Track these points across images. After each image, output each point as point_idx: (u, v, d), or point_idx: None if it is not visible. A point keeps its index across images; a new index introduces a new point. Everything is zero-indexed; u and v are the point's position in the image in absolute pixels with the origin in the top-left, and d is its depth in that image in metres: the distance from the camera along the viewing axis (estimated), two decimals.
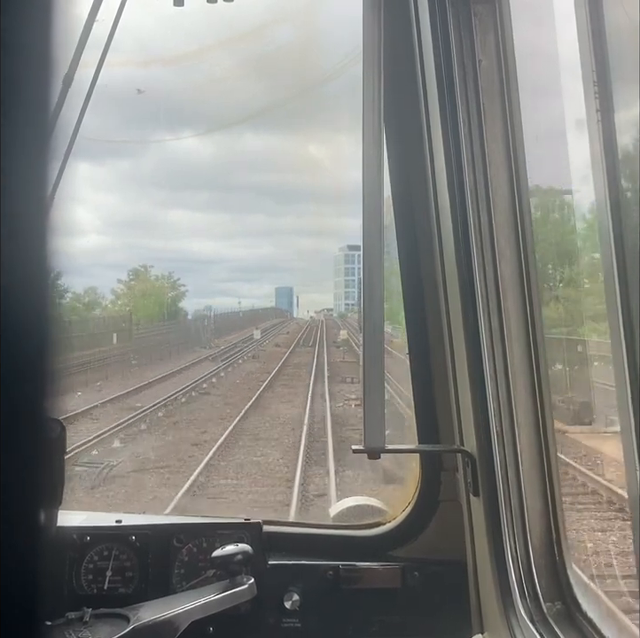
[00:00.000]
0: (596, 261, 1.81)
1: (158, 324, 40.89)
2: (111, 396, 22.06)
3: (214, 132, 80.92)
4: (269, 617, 2.70)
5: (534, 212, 2.17)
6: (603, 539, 8.00)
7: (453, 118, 2.22)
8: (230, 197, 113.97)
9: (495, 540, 2.22)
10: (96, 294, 43.10)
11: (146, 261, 56.59)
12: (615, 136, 1.55)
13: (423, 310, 2.66)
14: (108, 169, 75.44)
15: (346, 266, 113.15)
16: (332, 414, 19.20)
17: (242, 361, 31.84)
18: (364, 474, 13.76)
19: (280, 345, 38.47)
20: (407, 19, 2.45)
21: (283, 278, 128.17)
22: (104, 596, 2.67)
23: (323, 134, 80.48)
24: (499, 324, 2.21)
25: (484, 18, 2.17)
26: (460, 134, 2.21)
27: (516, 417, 2.20)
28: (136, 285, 47.46)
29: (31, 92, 0.61)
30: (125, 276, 47.53)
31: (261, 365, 29.95)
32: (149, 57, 44.56)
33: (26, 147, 0.61)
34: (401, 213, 2.65)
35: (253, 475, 14.73)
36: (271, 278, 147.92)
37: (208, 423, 19.34)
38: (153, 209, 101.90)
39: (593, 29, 1.57)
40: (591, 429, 9.97)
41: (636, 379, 1.54)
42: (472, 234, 2.22)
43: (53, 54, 0.62)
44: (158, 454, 16.37)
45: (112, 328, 33.53)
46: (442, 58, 2.23)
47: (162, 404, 21.16)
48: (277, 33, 31.28)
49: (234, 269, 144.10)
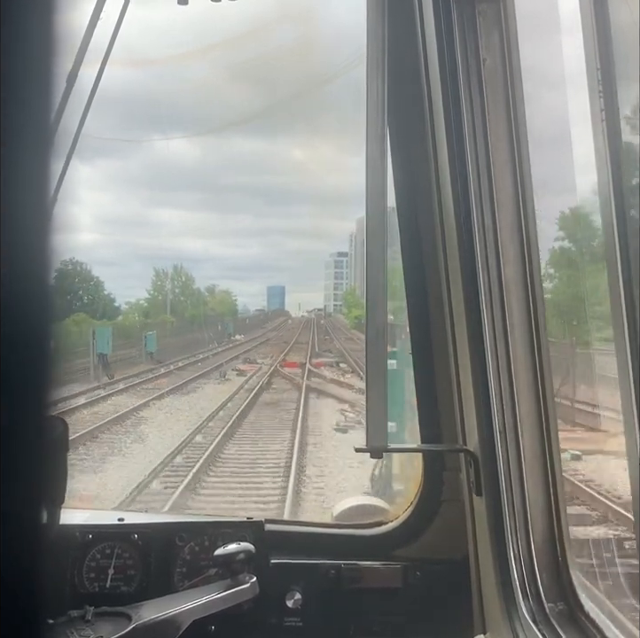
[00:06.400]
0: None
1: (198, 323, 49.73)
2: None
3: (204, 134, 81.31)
4: (271, 616, 2.70)
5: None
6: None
7: (457, 117, 2.22)
8: (220, 197, 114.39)
9: (498, 540, 2.22)
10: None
11: (135, 259, 67.76)
12: (620, 135, 1.55)
13: (426, 309, 2.65)
14: (97, 168, 75.64)
15: (335, 270, 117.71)
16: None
17: (280, 330, 56.82)
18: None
19: (293, 327, 61.13)
20: (411, 19, 2.44)
21: (273, 277, 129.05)
22: (106, 595, 2.67)
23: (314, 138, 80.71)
24: (502, 324, 2.20)
25: (488, 17, 2.17)
26: (464, 132, 2.21)
27: (519, 417, 2.20)
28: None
29: (34, 91, 0.61)
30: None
31: (284, 333, 52.98)
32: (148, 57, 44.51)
33: (28, 146, 0.61)
34: (405, 215, 2.64)
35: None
36: (261, 277, 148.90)
37: (274, 346, 39.96)
38: (142, 208, 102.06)
39: (598, 28, 1.57)
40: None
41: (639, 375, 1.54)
42: (475, 233, 2.21)
43: (56, 53, 0.62)
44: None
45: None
46: (446, 57, 2.23)
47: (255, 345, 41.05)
48: (277, 34, 31.25)
49: (224, 268, 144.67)
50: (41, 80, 0.61)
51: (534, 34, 2.33)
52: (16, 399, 0.60)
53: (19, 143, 0.60)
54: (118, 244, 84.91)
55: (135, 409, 18.46)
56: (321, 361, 30.61)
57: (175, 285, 59.37)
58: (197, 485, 12.10)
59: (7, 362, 0.59)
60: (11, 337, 0.59)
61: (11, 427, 0.59)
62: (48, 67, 0.62)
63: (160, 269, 57.91)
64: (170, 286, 57.94)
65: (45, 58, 0.62)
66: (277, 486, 12.05)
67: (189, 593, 2.56)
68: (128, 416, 17.70)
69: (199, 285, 63.88)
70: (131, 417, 17.66)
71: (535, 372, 2.19)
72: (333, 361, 30.60)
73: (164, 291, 56.73)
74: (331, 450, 14.34)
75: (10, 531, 0.60)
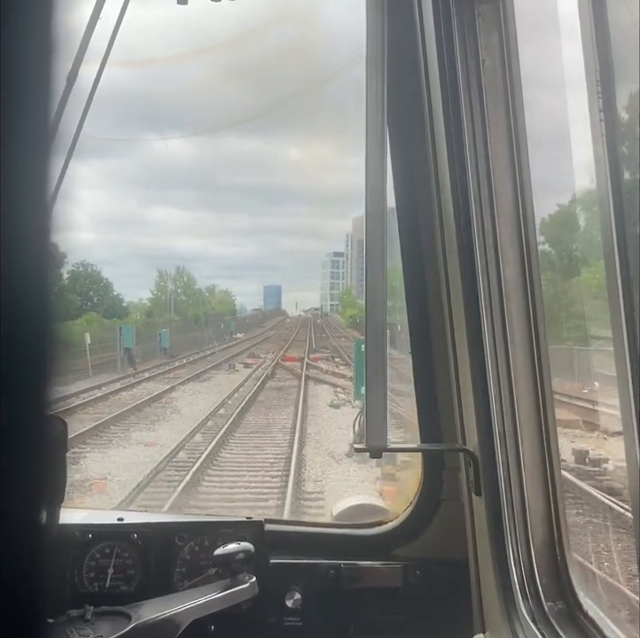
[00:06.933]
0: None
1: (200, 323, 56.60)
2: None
3: (202, 134, 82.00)
4: (271, 615, 2.70)
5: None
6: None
7: (456, 117, 2.22)
8: (217, 196, 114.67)
9: (497, 539, 2.22)
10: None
11: (132, 258, 73.48)
12: (618, 136, 1.55)
13: (425, 308, 2.66)
14: (93, 167, 75.89)
15: (331, 270, 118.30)
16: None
17: (279, 329, 63.58)
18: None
19: (291, 326, 66.63)
20: (410, 19, 2.44)
21: (269, 276, 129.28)
22: (105, 594, 2.67)
23: (313, 138, 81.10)
24: (502, 323, 2.21)
25: (488, 18, 2.17)
26: (463, 133, 2.21)
27: (518, 416, 2.20)
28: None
29: (34, 91, 0.61)
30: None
31: (282, 331, 58.34)
32: (147, 56, 44.58)
33: (28, 146, 0.61)
34: (405, 215, 2.65)
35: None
36: (257, 276, 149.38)
37: (274, 343, 42.97)
38: (139, 207, 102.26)
39: (596, 29, 1.57)
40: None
41: (638, 374, 1.54)
42: (475, 234, 2.21)
43: (56, 53, 0.62)
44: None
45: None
46: (446, 58, 2.23)
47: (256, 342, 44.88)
48: (277, 33, 31.24)
49: (219, 267, 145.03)
50: (40, 80, 0.61)
51: (534, 34, 2.33)
52: (16, 398, 0.60)
53: (19, 142, 0.60)
54: (114, 243, 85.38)
55: (165, 392, 23.12)
56: (318, 355, 33.99)
57: (178, 286, 61.84)
58: (226, 438, 16.50)
59: (6, 362, 0.59)
60: (10, 336, 0.59)
61: (11, 427, 0.60)
62: (47, 67, 0.62)
63: (164, 270, 60.78)
64: (173, 287, 60.59)
65: (45, 58, 0.62)
66: (286, 440, 16.33)
67: (188, 593, 2.56)
68: (161, 396, 22.36)
69: (199, 286, 67.33)
70: (164, 397, 22.34)
71: (534, 372, 2.19)
72: (329, 355, 33.84)
73: (167, 292, 59.19)
74: (326, 419, 18.62)
75: (9, 530, 0.60)
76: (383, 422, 2.34)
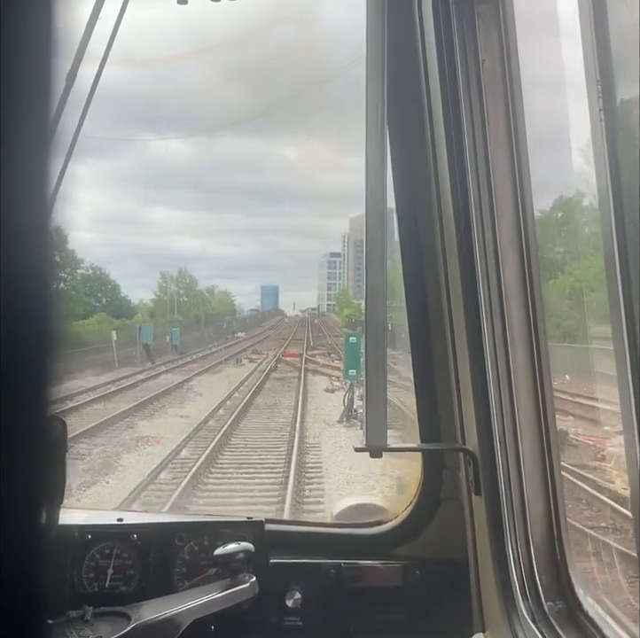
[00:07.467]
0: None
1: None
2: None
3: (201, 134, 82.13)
4: (271, 615, 2.70)
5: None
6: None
7: (456, 118, 2.22)
8: (216, 197, 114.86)
9: (497, 538, 2.22)
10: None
11: (130, 258, 75.75)
12: (619, 135, 1.55)
13: (425, 309, 2.66)
14: (91, 167, 75.96)
15: (328, 270, 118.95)
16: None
17: (277, 328, 66.04)
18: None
19: (289, 326, 68.90)
20: (410, 20, 2.44)
21: (267, 276, 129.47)
22: (105, 595, 2.67)
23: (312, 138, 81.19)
24: (501, 323, 2.21)
25: (487, 18, 2.17)
26: (463, 133, 2.21)
27: (518, 416, 2.20)
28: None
29: (33, 91, 0.61)
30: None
31: (281, 331, 61.80)
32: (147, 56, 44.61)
33: (28, 146, 0.61)
34: (404, 218, 2.64)
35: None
36: (255, 276, 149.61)
37: (274, 341, 46.25)
38: (138, 207, 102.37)
39: (596, 28, 1.57)
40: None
41: (638, 374, 1.54)
42: (474, 236, 2.22)
43: (55, 53, 0.62)
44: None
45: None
46: (446, 58, 2.23)
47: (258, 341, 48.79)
48: (277, 34, 31.27)
49: (218, 267, 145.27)
50: (40, 80, 0.61)
51: (533, 35, 2.33)
52: (16, 399, 0.60)
53: (19, 142, 0.60)
54: (113, 242, 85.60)
55: (184, 381, 27.14)
56: (315, 352, 37.85)
57: (180, 287, 63.39)
58: (242, 414, 20.33)
59: (6, 362, 0.59)
60: (10, 336, 0.59)
61: (11, 427, 0.59)
62: (47, 67, 0.62)
63: (166, 272, 62.28)
64: (175, 288, 62.10)
65: (44, 57, 0.62)
66: (291, 415, 20.22)
67: (188, 593, 2.56)
68: (182, 384, 26.42)
69: (200, 286, 68.58)
70: (185, 385, 26.38)
71: (534, 372, 2.20)
72: (326, 351, 37.63)
73: (168, 293, 60.78)
74: (323, 400, 22.93)
75: (9, 531, 0.60)
76: (383, 421, 2.34)
